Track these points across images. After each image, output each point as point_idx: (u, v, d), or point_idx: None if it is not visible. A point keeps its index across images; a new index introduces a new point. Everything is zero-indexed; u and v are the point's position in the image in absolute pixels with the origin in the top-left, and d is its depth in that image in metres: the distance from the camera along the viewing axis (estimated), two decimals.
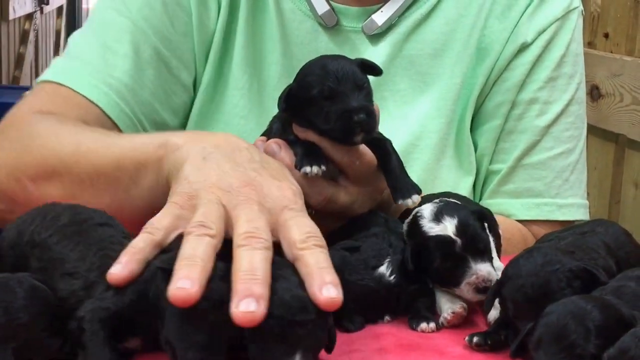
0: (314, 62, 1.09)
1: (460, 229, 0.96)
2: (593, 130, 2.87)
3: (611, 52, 2.80)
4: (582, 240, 0.97)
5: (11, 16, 5.50)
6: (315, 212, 1.06)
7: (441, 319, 0.98)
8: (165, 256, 0.82)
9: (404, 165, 1.11)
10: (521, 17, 1.38)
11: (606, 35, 2.85)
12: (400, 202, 1.06)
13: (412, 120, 1.36)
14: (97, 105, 1.25)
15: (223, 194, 0.87)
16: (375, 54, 1.36)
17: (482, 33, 1.37)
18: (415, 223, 0.99)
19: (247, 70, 1.35)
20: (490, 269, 0.96)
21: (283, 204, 0.88)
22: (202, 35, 1.33)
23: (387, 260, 0.99)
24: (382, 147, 1.10)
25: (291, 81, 1.09)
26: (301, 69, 1.10)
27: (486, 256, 0.97)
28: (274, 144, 1.08)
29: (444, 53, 1.37)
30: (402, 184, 1.07)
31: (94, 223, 0.89)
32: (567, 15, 1.40)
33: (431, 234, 0.97)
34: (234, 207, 0.86)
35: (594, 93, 2.82)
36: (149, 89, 1.30)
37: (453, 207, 0.98)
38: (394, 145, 1.17)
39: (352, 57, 1.35)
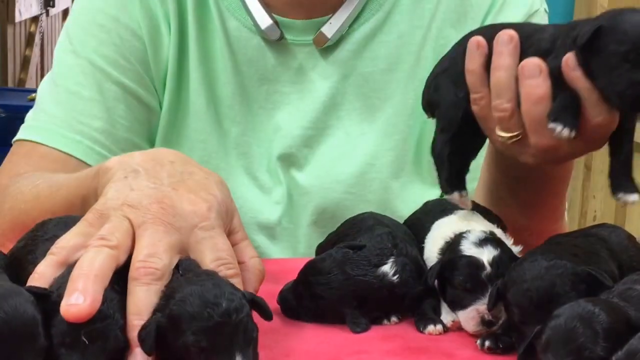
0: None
1: (496, 261, 0.95)
2: None
3: None
4: (585, 244, 0.96)
5: (17, 19, 5.52)
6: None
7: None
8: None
9: (362, 185, 1.07)
10: (482, 24, 1.33)
11: None
12: (620, 196, 0.99)
13: (367, 139, 1.34)
14: (72, 156, 1.26)
15: (131, 211, 0.87)
16: (327, 72, 1.34)
17: (437, 43, 1.33)
18: (456, 242, 0.98)
19: (202, 92, 1.33)
20: (503, 310, 0.94)
21: (193, 223, 0.88)
22: (157, 61, 1.32)
23: (391, 260, 0.99)
24: (626, 131, 1.01)
25: (243, 100, 1.02)
26: (620, 11, 0.95)
27: None
28: (535, 65, 0.98)
29: (397, 67, 1.34)
30: (627, 177, 1.00)
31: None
32: (530, 19, 1.35)
33: (465, 254, 0.97)
34: (139, 225, 0.86)
35: None
36: (123, 125, 1.30)
37: (499, 243, 0.98)
38: (350, 165, 1.14)
39: (300, 74, 1.29)
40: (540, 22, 1.34)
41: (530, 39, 1.00)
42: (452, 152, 1.05)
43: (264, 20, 1.31)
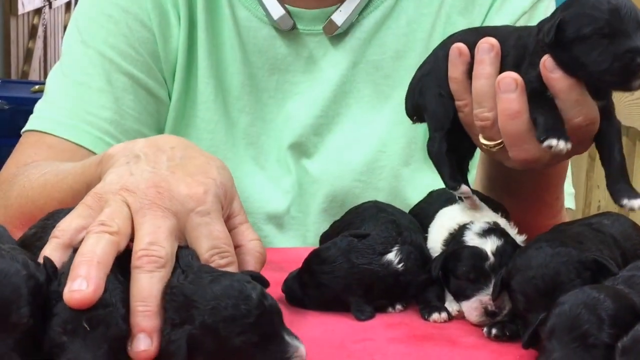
0: None
1: (500, 252, 0.95)
2: None
3: None
4: (588, 232, 0.97)
5: (20, 11, 5.52)
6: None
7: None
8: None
9: (372, 172, 1.06)
10: (488, 11, 1.34)
11: None
12: (624, 202, 0.96)
13: (377, 126, 1.34)
14: (81, 146, 1.27)
15: (129, 195, 0.87)
16: (337, 59, 1.34)
17: (445, 30, 1.33)
18: (460, 234, 0.99)
19: (211, 82, 1.33)
20: (507, 300, 0.94)
21: (190, 207, 0.88)
22: (167, 52, 1.32)
23: (396, 248, 0.99)
24: (609, 131, 1.00)
25: (252, 90, 1.01)
26: (571, 1, 0.97)
27: None
28: (511, 80, 0.98)
29: (406, 54, 1.34)
30: (625, 182, 0.98)
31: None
32: (536, 5, 1.34)
33: (469, 244, 0.97)
34: (137, 210, 0.86)
35: None
36: (132, 116, 1.30)
37: (503, 233, 0.98)
38: (360, 153, 1.13)
39: (311, 63, 1.28)
40: (547, 8, 1.34)
41: (505, 45, 1.00)
42: (449, 149, 1.05)
43: (277, 10, 1.31)
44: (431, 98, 1.05)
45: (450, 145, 1.05)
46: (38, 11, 6.04)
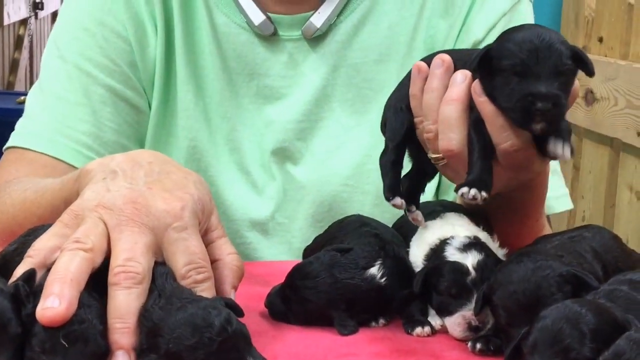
0: (524, 29, 0.96)
1: (481, 266, 0.95)
2: (588, 134, 2.88)
3: (605, 56, 2.81)
4: (569, 245, 0.97)
5: (6, 21, 5.50)
6: None
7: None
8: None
9: (359, 176, 1.09)
10: (468, 13, 1.34)
11: (600, 40, 2.85)
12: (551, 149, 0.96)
13: (362, 130, 1.35)
14: (61, 160, 1.27)
15: (105, 212, 0.87)
16: (317, 63, 1.34)
17: (427, 33, 1.35)
18: (441, 249, 0.98)
19: (190, 89, 1.33)
20: (490, 314, 0.93)
21: (167, 222, 0.87)
22: (145, 61, 1.33)
23: (379, 262, 0.99)
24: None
25: (233, 96, 1.03)
26: (508, 31, 0.98)
27: None
28: (461, 74, 1.00)
29: (388, 57, 1.35)
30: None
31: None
32: (515, 7, 1.35)
33: (449, 259, 0.97)
34: (114, 226, 0.86)
35: (589, 97, 2.83)
36: (111, 128, 1.31)
37: (483, 247, 0.98)
38: (346, 157, 1.12)
39: (292, 67, 1.28)
40: (524, 12, 1.36)
41: (459, 63, 1.01)
42: (395, 161, 1.06)
43: (257, 16, 1.31)
44: (392, 111, 1.07)
45: (398, 156, 1.06)
46: (24, 22, 6.03)
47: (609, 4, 2.81)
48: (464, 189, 0.96)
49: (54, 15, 6.94)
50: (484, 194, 0.96)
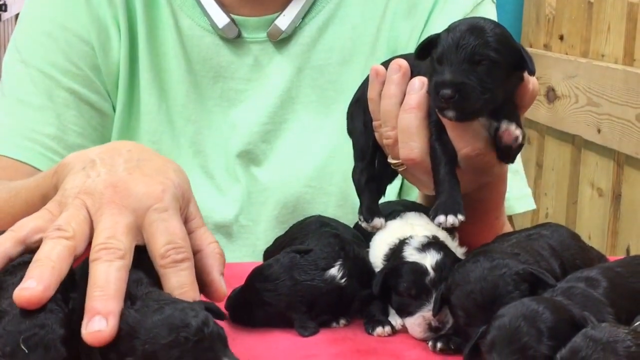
0: (466, 21, 0.96)
1: (439, 266, 0.95)
2: (549, 132, 2.90)
3: (566, 53, 2.83)
4: (526, 242, 0.97)
5: None
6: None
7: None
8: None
9: (323, 178, 1.09)
10: (430, 14, 1.35)
11: (561, 37, 2.88)
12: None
13: (326, 131, 1.35)
14: (25, 163, 1.27)
15: (87, 198, 0.87)
16: (282, 66, 1.34)
17: (390, 34, 1.35)
18: (399, 249, 0.98)
19: (154, 92, 1.33)
20: (450, 314, 0.94)
21: (148, 204, 0.87)
22: (108, 65, 1.33)
23: (339, 263, 0.99)
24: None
25: (197, 98, 1.02)
26: (454, 22, 0.97)
27: None
28: (418, 80, 1.00)
29: (352, 59, 1.35)
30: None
31: None
32: (477, 8, 1.36)
33: (408, 260, 0.97)
34: (95, 210, 0.86)
35: (550, 95, 2.85)
36: (74, 131, 1.31)
37: (442, 247, 0.98)
38: (310, 159, 1.11)
39: (256, 70, 1.29)
40: (486, 12, 1.36)
41: (417, 68, 1.02)
42: (369, 179, 1.06)
43: (221, 18, 1.31)
44: (356, 127, 1.07)
45: (371, 174, 1.06)
46: None
47: (569, 3, 2.83)
48: (441, 218, 0.97)
49: (18, 17, 6.87)
50: (460, 217, 0.97)
